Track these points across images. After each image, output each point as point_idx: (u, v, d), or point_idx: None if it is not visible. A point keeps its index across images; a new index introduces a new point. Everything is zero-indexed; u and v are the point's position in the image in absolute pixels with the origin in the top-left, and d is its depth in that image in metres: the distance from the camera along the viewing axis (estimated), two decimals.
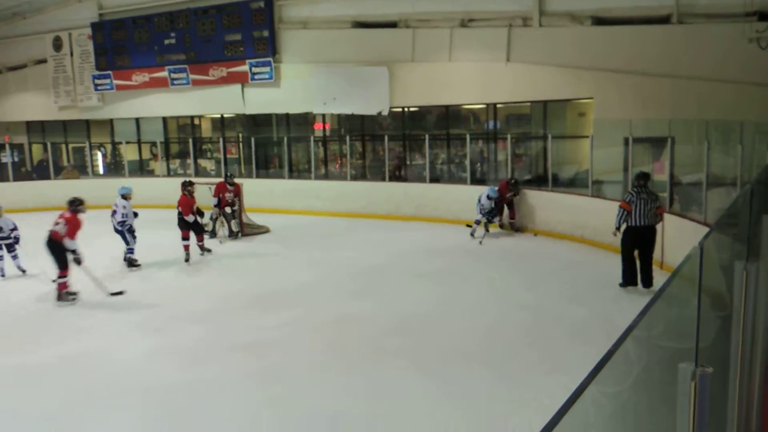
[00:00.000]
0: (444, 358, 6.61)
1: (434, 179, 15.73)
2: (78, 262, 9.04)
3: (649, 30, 12.53)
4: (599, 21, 13.15)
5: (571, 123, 14.82)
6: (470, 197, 14.25)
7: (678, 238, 9.17)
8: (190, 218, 11.51)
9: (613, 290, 8.78)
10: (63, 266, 8.98)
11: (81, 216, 9.29)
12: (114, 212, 10.85)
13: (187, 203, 11.53)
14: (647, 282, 8.54)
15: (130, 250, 10.93)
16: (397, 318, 7.98)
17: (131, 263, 10.89)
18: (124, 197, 10.86)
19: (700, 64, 11.88)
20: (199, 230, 11.90)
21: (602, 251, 10.88)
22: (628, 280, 8.68)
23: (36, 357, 6.88)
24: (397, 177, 16.35)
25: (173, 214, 11.62)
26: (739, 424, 2.70)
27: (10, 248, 10.41)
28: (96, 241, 10.96)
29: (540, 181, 13.93)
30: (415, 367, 6.38)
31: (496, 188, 12.87)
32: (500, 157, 15.55)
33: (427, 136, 15.44)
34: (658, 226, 8.67)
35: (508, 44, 14.10)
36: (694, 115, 11.34)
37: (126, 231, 10.82)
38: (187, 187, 11.68)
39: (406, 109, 16.61)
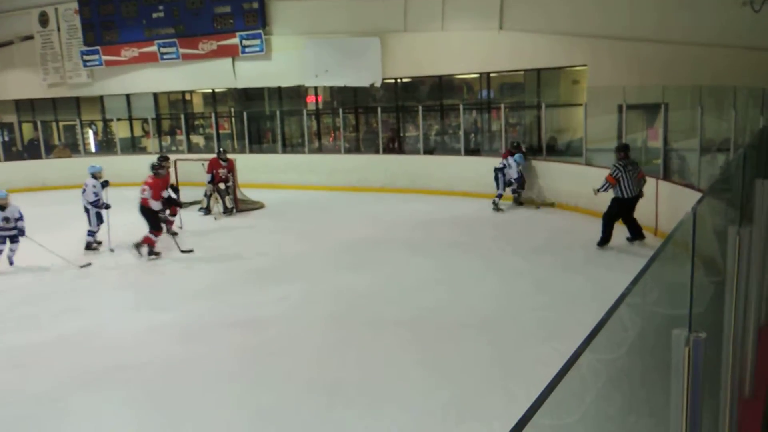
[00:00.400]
0: (441, 327, 6.66)
1: (428, 151, 15.66)
2: (165, 221, 10.20)
3: None
4: None
5: (564, 91, 14.74)
6: (464, 168, 14.24)
7: (672, 204, 9.21)
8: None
9: (607, 258, 8.84)
10: (156, 227, 9.95)
11: (162, 175, 10.24)
12: (84, 191, 10.45)
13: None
14: (640, 235, 9.10)
15: (90, 233, 10.50)
16: (394, 290, 8.01)
17: (88, 246, 10.46)
18: (94, 176, 10.42)
19: (694, 29, 11.77)
20: (177, 205, 11.27)
21: (596, 219, 10.88)
22: (605, 240, 9.17)
23: (31, 337, 6.89)
24: (391, 149, 16.28)
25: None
26: (733, 389, 2.72)
27: (14, 239, 9.80)
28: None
29: (534, 151, 13.87)
30: (412, 336, 6.43)
31: (521, 155, 12.55)
32: (494, 127, 15.48)
33: (420, 108, 15.36)
34: (650, 192, 8.91)
35: (500, 12, 13.95)
36: (688, 81, 11.28)
37: (95, 212, 10.39)
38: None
39: (398, 81, 16.48)
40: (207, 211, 13.37)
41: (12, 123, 21.50)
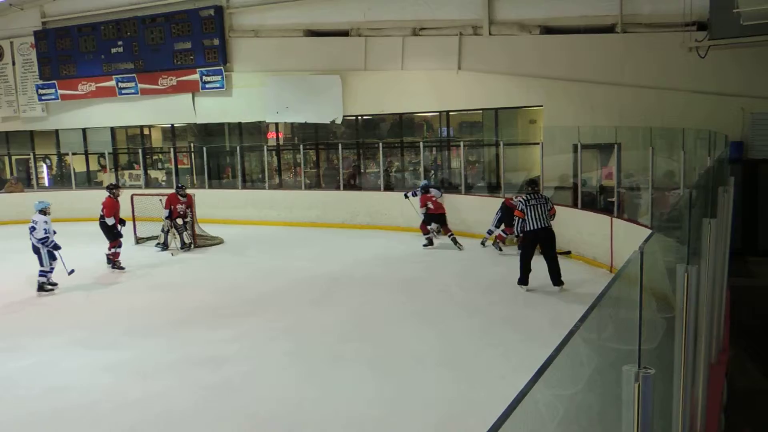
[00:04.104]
0: (402, 362, 6.63)
1: (389, 187, 15.76)
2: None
3: (595, 39, 12.85)
4: (547, 30, 13.44)
5: (522, 130, 15.07)
6: None
7: (627, 242, 9.41)
8: (110, 221, 11.41)
9: (564, 295, 8.94)
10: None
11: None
12: (33, 229, 9.81)
13: (111, 205, 11.56)
14: (555, 281, 9.04)
15: (43, 273, 9.89)
16: (354, 325, 7.97)
17: (41, 287, 9.88)
18: (43, 212, 9.86)
19: (643, 73, 12.24)
20: (114, 237, 11.42)
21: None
22: (522, 280, 9.16)
23: None
24: (351, 185, 16.33)
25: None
26: (684, 424, 2.77)
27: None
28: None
29: (492, 188, 14.08)
30: (373, 372, 6.40)
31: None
32: (454, 165, 15.69)
33: (380, 144, 15.50)
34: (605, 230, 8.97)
35: (459, 52, 14.28)
36: (639, 122, 11.67)
37: (46, 250, 9.83)
38: (112, 189, 11.81)
39: (359, 118, 16.63)
40: (164, 246, 13.14)
41: None
